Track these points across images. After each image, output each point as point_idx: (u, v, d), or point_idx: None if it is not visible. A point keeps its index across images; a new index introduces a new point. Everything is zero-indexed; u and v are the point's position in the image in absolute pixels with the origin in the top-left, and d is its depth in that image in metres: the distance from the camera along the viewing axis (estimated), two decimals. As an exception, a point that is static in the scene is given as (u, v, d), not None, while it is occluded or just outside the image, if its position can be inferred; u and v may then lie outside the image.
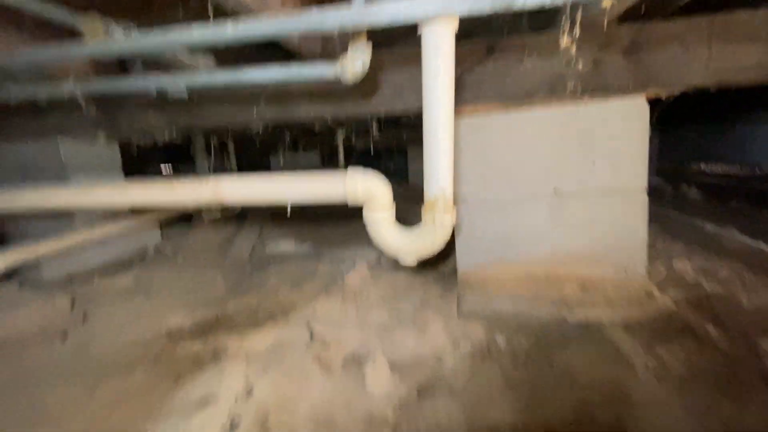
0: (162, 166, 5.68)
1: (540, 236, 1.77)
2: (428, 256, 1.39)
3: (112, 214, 2.47)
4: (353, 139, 4.55)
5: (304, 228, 3.28)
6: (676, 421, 0.99)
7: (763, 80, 1.48)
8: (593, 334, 1.45)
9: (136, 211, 2.61)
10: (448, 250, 2.33)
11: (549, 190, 1.70)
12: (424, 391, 1.47)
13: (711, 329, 1.34)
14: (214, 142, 3.48)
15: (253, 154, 5.55)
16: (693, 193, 4.06)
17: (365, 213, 1.37)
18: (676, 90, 1.54)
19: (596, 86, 1.57)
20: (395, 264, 2.43)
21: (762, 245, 2.01)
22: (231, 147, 4.36)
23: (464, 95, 1.68)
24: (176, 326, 1.82)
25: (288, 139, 4.08)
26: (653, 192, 1.84)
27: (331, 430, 1.28)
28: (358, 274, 2.13)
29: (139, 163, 2.64)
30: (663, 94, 1.56)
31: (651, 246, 2.23)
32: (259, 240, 3.03)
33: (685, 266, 1.91)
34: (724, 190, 3.78)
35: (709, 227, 2.44)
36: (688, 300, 1.60)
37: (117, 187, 1.47)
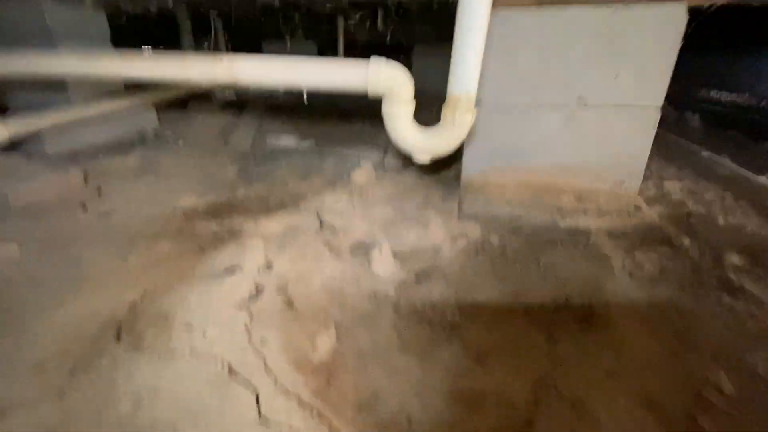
0: (144, 48, 5.17)
1: (548, 146, 1.81)
2: (443, 155, 1.44)
3: (108, 93, 2.36)
4: (354, 32, 4.18)
5: (305, 124, 3.22)
6: (638, 305, 1.18)
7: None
8: (580, 238, 1.60)
9: (130, 92, 2.49)
10: (454, 156, 2.38)
11: (569, 98, 1.68)
12: (421, 276, 1.65)
13: (686, 241, 1.50)
14: (213, 20, 3.15)
15: (244, 41, 5.09)
16: (695, 120, 4.05)
17: (384, 106, 1.37)
18: (720, -1, 1.45)
19: (639, -13, 1.46)
20: (399, 166, 2.49)
21: (747, 173, 2.12)
22: (219, 27, 3.96)
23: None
24: (190, 206, 1.91)
25: (282, 24, 3.71)
26: None
27: (341, 299, 1.47)
28: (364, 172, 2.18)
29: (121, 44, 2.41)
30: (706, 2, 1.47)
31: (646, 166, 2.32)
32: (259, 132, 2.99)
33: (674, 186, 2.02)
34: (725, 119, 3.78)
35: (705, 154, 2.52)
36: (671, 215, 1.74)
37: (127, 57, 1.40)
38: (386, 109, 1.38)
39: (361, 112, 3.45)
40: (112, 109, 2.28)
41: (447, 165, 2.42)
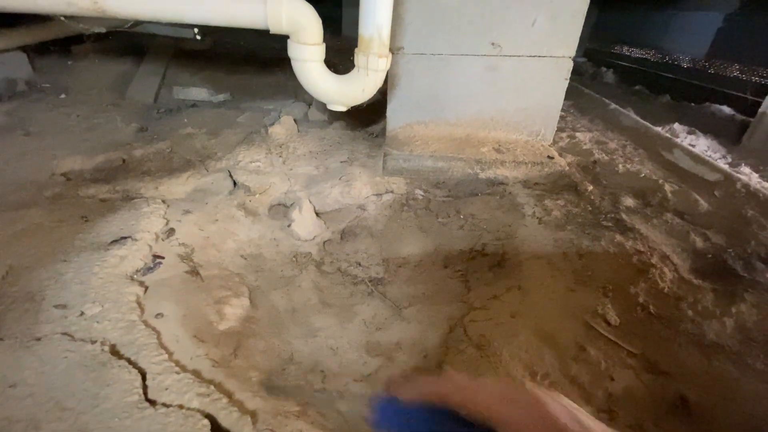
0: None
1: (470, 99, 1.79)
2: (359, 102, 1.35)
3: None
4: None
5: (219, 75, 2.88)
6: (545, 248, 1.24)
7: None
8: (498, 189, 1.64)
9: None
10: (379, 111, 2.29)
11: (487, 46, 1.65)
12: (346, 234, 1.61)
13: (590, 187, 1.60)
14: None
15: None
16: (609, 76, 4.32)
17: (291, 47, 1.22)
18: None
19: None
20: (324, 121, 2.34)
21: (647, 124, 2.31)
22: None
23: None
24: (74, 170, 1.64)
25: None
26: (576, 71, 1.92)
27: (258, 264, 1.39)
28: (283, 126, 2.02)
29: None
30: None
31: (562, 118, 2.43)
32: (164, 83, 2.62)
33: (584, 137, 2.15)
34: (634, 75, 4.08)
35: (612, 106, 2.70)
36: (579, 164, 1.85)
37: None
38: (293, 53, 1.24)
39: (286, 63, 3.14)
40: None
41: (374, 118, 2.33)
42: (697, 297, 1.06)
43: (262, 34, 1.36)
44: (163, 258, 1.16)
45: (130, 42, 2.95)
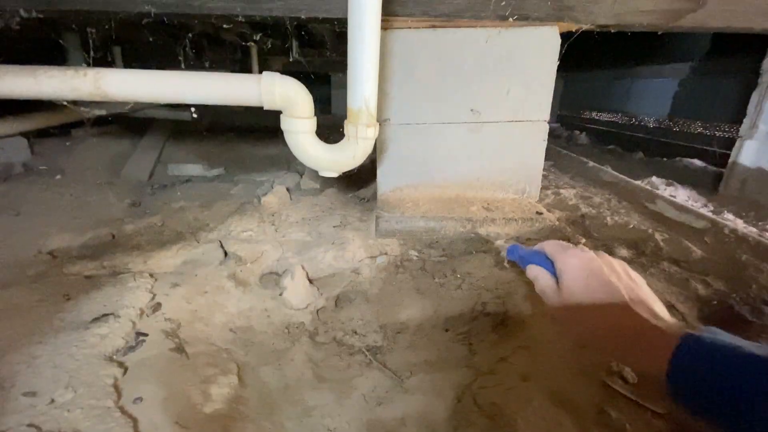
0: None
1: (455, 161, 1.87)
2: (350, 168, 1.39)
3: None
4: (269, 61, 4.10)
5: (214, 151, 3.00)
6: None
7: (656, 24, 1.66)
8: (491, 246, 1.64)
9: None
10: (369, 177, 2.36)
11: (468, 114, 1.77)
12: (341, 300, 1.55)
13: (582, 240, 1.61)
14: (92, 38, 2.82)
15: (146, 67, 4.69)
16: (582, 138, 4.62)
17: (283, 121, 1.29)
18: (585, 25, 1.65)
19: (518, 14, 1.61)
20: (316, 189, 2.40)
21: (627, 178, 2.42)
22: (117, 52, 3.60)
23: (392, 7, 1.59)
24: (61, 248, 1.60)
25: (189, 47, 3.49)
26: (552, 135, 2.06)
27: (248, 337, 1.30)
28: (275, 195, 2.05)
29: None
30: (573, 27, 1.66)
31: (545, 177, 2.53)
32: (161, 160, 2.71)
33: (569, 193, 2.22)
34: (606, 136, 4.37)
35: (591, 164, 2.84)
36: (568, 218, 1.88)
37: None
38: (285, 126, 1.30)
39: (279, 138, 3.30)
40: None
41: (364, 184, 2.39)
42: (712, 347, 1.01)
43: (256, 112, 1.44)
44: (146, 335, 1.09)
45: (129, 124, 3.10)
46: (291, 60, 4.15)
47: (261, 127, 3.61)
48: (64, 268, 1.41)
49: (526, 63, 1.72)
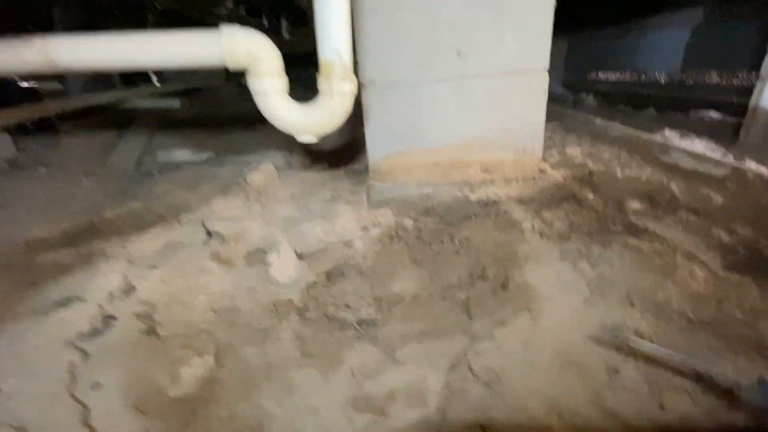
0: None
1: (447, 122, 1.73)
2: (328, 131, 1.27)
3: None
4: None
5: (203, 137, 2.90)
6: (550, 262, 1.09)
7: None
8: (491, 208, 1.52)
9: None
10: (362, 149, 2.24)
11: (458, 68, 1.62)
12: (333, 275, 1.45)
13: (590, 195, 1.48)
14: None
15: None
16: (590, 100, 4.39)
17: (250, 81, 1.17)
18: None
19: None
20: (306, 163, 2.29)
21: (637, 132, 2.25)
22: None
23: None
24: (38, 237, 1.53)
25: (154, 20, 3.29)
26: (557, 100, 1.89)
27: (232, 317, 1.22)
28: (262, 173, 1.95)
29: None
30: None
31: (549, 138, 2.37)
32: (148, 148, 2.62)
33: (575, 151, 2.06)
34: (614, 96, 4.13)
35: (599, 121, 2.66)
36: (575, 176, 1.74)
37: None
38: (253, 86, 1.19)
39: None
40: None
41: (358, 156, 2.27)
42: (741, 294, 0.89)
43: (247, 96, 1.32)
44: (115, 318, 1.01)
45: (117, 117, 3.02)
46: (282, 41, 3.99)
47: (252, 112, 3.50)
48: (37, 257, 1.34)
49: (522, 7, 1.55)
